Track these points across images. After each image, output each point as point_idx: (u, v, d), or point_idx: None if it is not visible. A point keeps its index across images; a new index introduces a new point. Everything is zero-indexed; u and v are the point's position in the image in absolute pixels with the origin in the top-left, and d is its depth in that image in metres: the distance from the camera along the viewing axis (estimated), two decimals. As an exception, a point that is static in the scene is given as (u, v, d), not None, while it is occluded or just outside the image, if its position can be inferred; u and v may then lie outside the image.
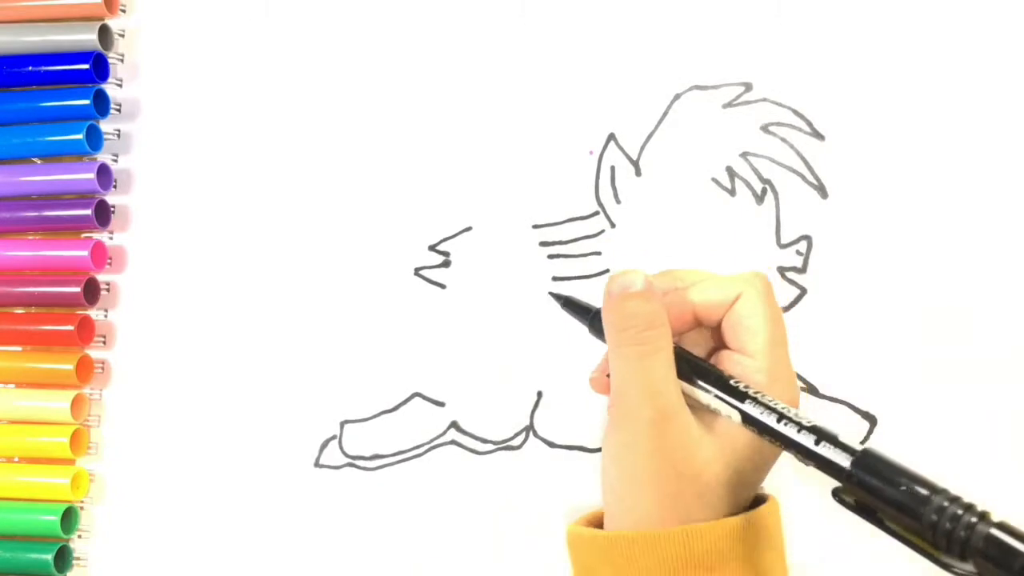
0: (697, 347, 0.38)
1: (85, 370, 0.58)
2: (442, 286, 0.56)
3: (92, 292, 0.59)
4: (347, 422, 0.56)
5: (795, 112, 0.53)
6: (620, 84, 0.55)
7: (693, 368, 0.37)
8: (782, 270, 0.53)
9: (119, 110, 0.60)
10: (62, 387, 0.58)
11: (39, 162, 0.60)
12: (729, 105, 0.54)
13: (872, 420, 0.52)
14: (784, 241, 0.53)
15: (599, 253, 0.54)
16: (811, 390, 0.52)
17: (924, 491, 0.29)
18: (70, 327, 0.58)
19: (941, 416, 0.51)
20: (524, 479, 0.54)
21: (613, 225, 0.55)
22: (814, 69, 0.53)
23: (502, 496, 0.54)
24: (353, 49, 0.58)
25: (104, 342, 0.59)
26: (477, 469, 0.55)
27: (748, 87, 0.53)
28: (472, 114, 0.56)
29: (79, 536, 0.58)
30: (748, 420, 0.35)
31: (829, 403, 0.52)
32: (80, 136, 0.57)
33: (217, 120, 0.59)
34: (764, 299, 0.38)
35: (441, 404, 0.55)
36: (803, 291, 0.52)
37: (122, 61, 0.60)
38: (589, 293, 0.54)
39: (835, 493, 0.33)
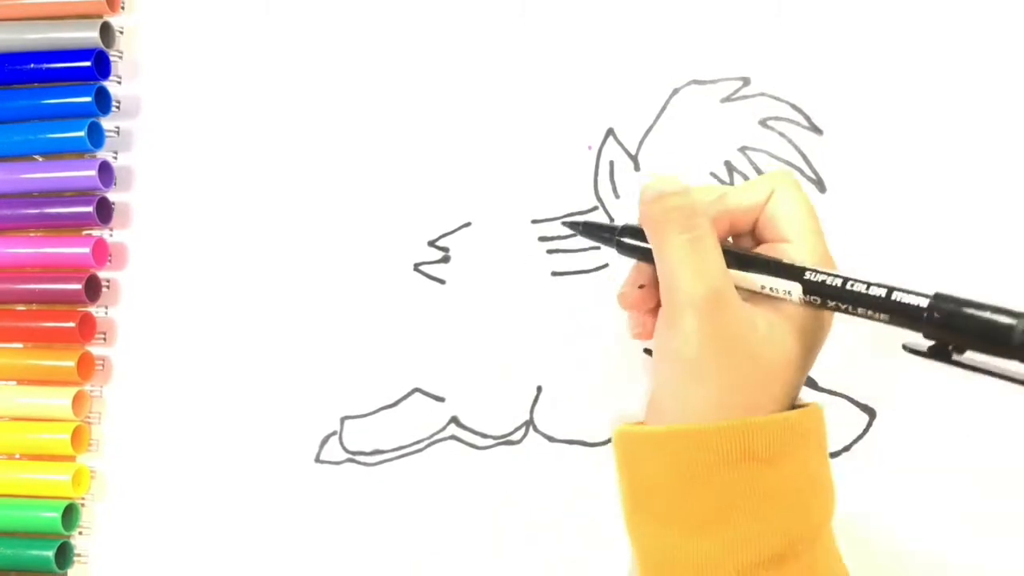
0: None
1: (86, 367, 0.59)
2: (441, 281, 0.56)
3: (93, 289, 0.59)
4: (347, 418, 0.56)
5: (793, 106, 0.53)
6: (618, 79, 0.55)
7: (740, 258, 0.37)
8: (781, 264, 0.53)
9: (118, 107, 0.60)
10: (63, 384, 0.58)
11: (41, 159, 0.60)
12: (727, 100, 0.54)
13: (871, 413, 0.52)
14: (783, 235, 0.53)
15: (598, 248, 0.54)
16: (810, 383, 0.52)
17: (1007, 318, 0.29)
18: (71, 324, 0.58)
19: (940, 409, 0.52)
20: (524, 474, 0.54)
21: (612, 220, 0.55)
22: (812, 64, 0.53)
23: (502, 491, 0.54)
24: (352, 46, 0.58)
25: (104, 339, 0.59)
26: (477, 464, 0.55)
27: (746, 82, 0.54)
28: (471, 110, 0.57)
29: (80, 533, 0.59)
30: (811, 290, 0.35)
31: (828, 396, 0.52)
32: (82, 133, 0.57)
33: (217, 117, 0.59)
34: (797, 190, 0.38)
35: (441, 399, 0.55)
36: (802, 285, 0.53)
37: (121, 58, 0.60)
38: (588, 288, 0.54)
39: (906, 346, 0.32)
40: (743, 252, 0.38)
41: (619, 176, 0.55)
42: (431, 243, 0.56)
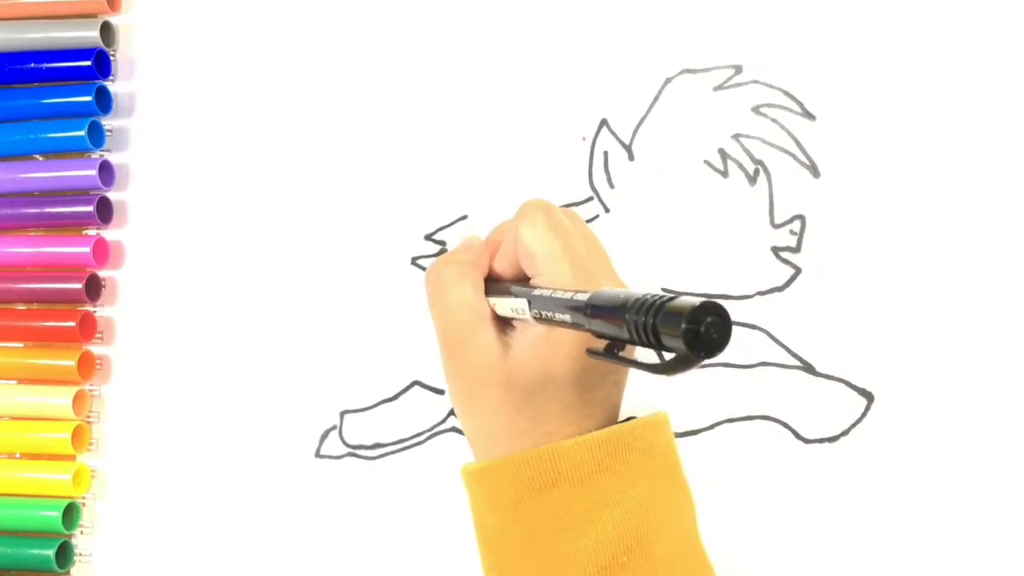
0: None
1: (87, 366, 0.59)
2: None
3: (94, 288, 0.59)
4: (347, 412, 0.56)
5: (786, 93, 0.54)
6: (611, 69, 0.55)
7: (500, 291, 0.38)
8: (776, 250, 0.53)
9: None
10: (63, 383, 0.58)
11: (41, 159, 0.60)
12: (720, 88, 0.54)
13: (869, 397, 0.52)
14: (778, 221, 0.53)
15: (594, 238, 0.55)
16: (808, 368, 0.52)
17: (620, 300, 0.28)
18: (72, 323, 0.58)
19: (938, 392, 0.52)
20: (524, 464, 0.54)
21: (607, 210, 0.55)
22: (804, 50, 0.54)
23: (502, 482, 0.54)
24: (346, 44, 0.59)
25: (103, 338, 0.59)
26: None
27: (738, 69, 0.54)
28: (465, 103, 0.57)
29: (81, 532, 0.58)
30: (533, 305, 0.35)
31: (826, 380, 0.52)
32: (82, 133, 0.58)
33: (213, 115, 0.60)
34: (530, 222, 0.38)
35: (440, 392, 0.56)
36: (798, 270, 0.53)
37: (115, 57, 0.61)
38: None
39: (588, 352, 0.32)
40: (506, 285, 0.39)
41: (613, 166, 0.55)
42: (428, 237, 0.57)
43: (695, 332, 0.24)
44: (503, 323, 0.38)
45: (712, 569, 0.40)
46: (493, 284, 0.40)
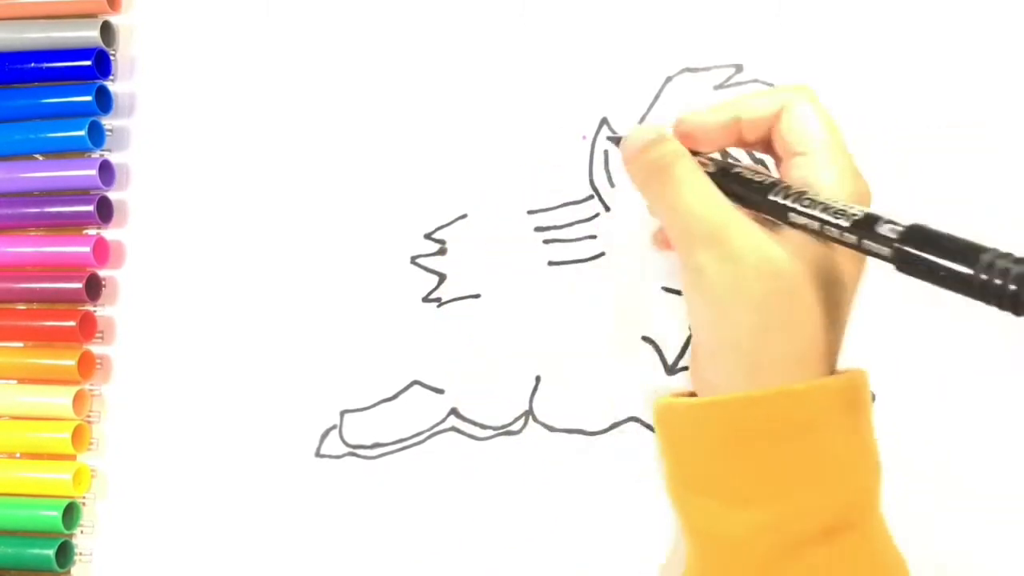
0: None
1: (87, 366, 0.59)
2: (438, 274, 0.56)
3: (94, 288, 0.59)
4: (347, 411, 0.56)
5: (785, 92, 0.54)
6: (611, 68, 0.55)
7: (739, 184, 0.36)
8: (776, 249, 0.53)
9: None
10: (64, 383, 0.58)
11: (41, 158, 0.60)
12: (720, 87, 0.54)
13: (871, 397, 0.52)
14: (778, 220, 0.53)
15: (594, 237, 0.55)
16: (808, 367, 0.52)
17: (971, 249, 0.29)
18: (72, 323, 0.58)
19: (941, 393, 0.51)
20: (524, 463, 0.54)
21: (608, 209, 0.55)
22: (805, 50, 0.54)
23: (503, 481, 0.54)
24: (346, 43, 0.59)
25: (103, 338, 0.59)
26: (478, 455, 0.55)
27: (739, 68, 0.54)
28: (465, 102, 0.57)
29: (81, 531, 0.58)
30: (795, 219, 0.34)
31: (827, 380, 0.52)
32: (82, 132, 0.58)
33: (213, 114, 0.60)
34: (811, 103, 0.37)
35: (440, 391, 0.55)
36: (798, 269, 0.53)
37: (115, 57, 0.61)
38: (585, 276, 0.54)
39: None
40: (743, 175, 0.37)
41: (614, 165, 0.55)
42: (427, 236, 0.57)
43: None
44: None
45: (900, 553, 0.39)
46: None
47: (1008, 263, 0.27)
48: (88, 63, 0.58)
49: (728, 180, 0.37)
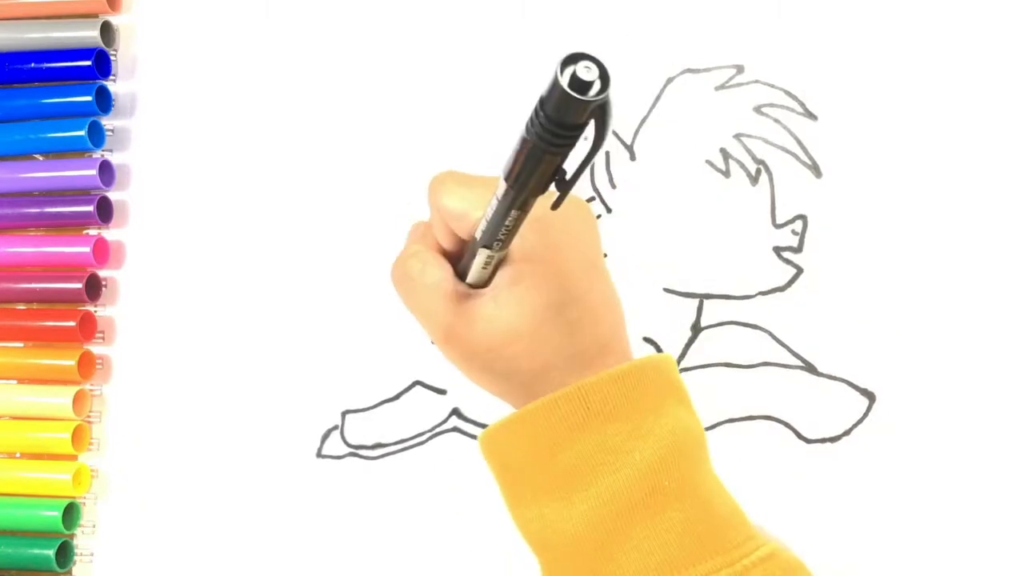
0: None
1: (87, 366, 0.59)
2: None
3: (94, 288, 0.59)
4: (349, 412, 0.56)
5: (787, 93, 0.54)
6: (613, 69, 0.55)
7: (468, 258, 0.38)
8: (778, 250, 0.53)
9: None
10: (64, 383, 0.58)
11: (41, 158, 0.60)
12: (721, 88, 0.54)
13: (871, 397, 0.52)
14: (779, 221, 0.53)
15: (596, 237, 0.55)
16: (810, 368, 0.53)
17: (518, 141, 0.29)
18: (72, 323, 0.58)
19: (939, 392, 0.52)
20: (526, 464, 0.54)
21: (609, 210, 0.55)
22: (806, 50, 0.54)
23: (504, 481, 0.54)
24: (348, 45, 0.59)
25: (103, 338, 0.59)
26: (479, 455, 0.55)
27: (740, 69, 0.54)
28: (466, 103, 0.57)
29: (81, 532, 0.58)
30: (484, 242, 0.35)
31: (828, 380, 0.52)
32: (82, 132, 0.58)
33: (213, 114, 0.59)
34: (442, 193, 0.40)
35: (442, 392, 0.55)
36: (799, 270, 0.53)
37: (115, 57, 0.61)
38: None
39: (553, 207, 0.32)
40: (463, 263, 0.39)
41: (615, 166, 0.55)
42: (430, 236, 0.57)
43: (574, 77, 0.26)
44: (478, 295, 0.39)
45: (734, 498, 0.40)
46: (457, 266, 0.40)
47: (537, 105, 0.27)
48: (88, 63, 0.58)
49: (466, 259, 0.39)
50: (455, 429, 0.55)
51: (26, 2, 0.60)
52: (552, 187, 0.31)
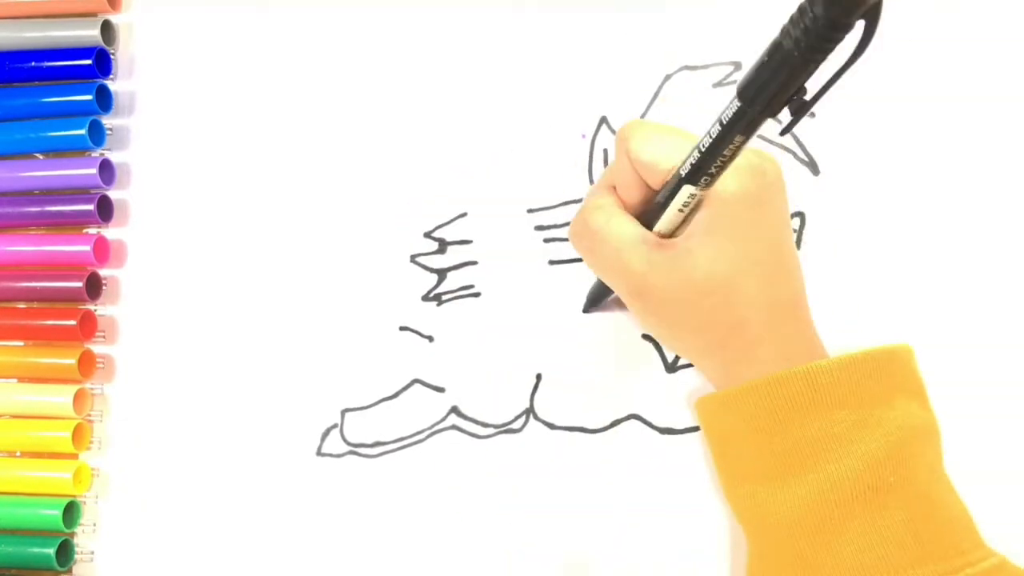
0: None
1: (87, 365, 0.59)
2: (438, 272, 0.56)
3: (94, 287, 0.59)
4: (348, 410, 0.56)
5: (784, 90, 0.54)
6: (610, 67, 0.56)
7: (655, 209, 0.38)
8: (776, 247, 0.53)
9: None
10: (64, 382, 0.58)
11: (41, 157, 0.60)
12: (719, 84, 0.54)
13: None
14: (777, 218, 0.53)
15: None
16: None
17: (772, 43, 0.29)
18: (72, 322, 0.58)
19: (938, 389, 0.51)
20: (525, 462, 0.54)
21: (608, 207, 0.55)
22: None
23: (504, 479, 0.54)
24: (346, 41, 0.59)
25: (104, 337, 0.60)
26: (478, 453, 0.55)
27: (738, 66, 0.54)
28: (463, 100, 0.57)
29: (81, 531, 0.58)
30: (689, 179, 0.35)
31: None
32: (83, 131, 0.58)
33: (213, 113, 0.60)
34: (635, 141, 0.39)
35: (441, 390, 0.56)
36: (797, 267, 0.53)
37: (115, 56, 0.61)
38: (586, 275, 0.55)
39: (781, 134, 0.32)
40: (650, 211, 0.39)
41: (614, 164, 0.55)
42: (427, 234, 0.57)
43: None
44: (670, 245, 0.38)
45: (966, 505, 0.39)
46: (641, 219, 0.39)
47: (796, 13, 0.27)
48: (88, 62, 0.58)
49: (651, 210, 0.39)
50: (454, 427, 0.55)
51: (26, 1, 0.60)
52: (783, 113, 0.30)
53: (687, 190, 0.35)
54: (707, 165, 0.34)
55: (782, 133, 0.31)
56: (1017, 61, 0.53)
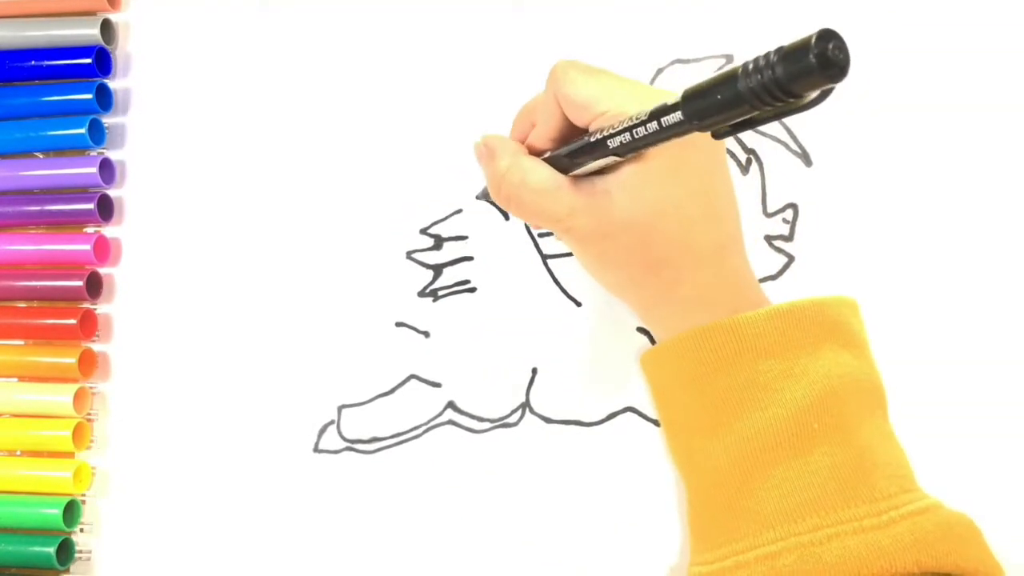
0: None
1: (87, 364, 0.59)
2: (434, 268, 0.56)
3: (94, 286, 0.59)
4: (344, 406, 0.56)
5: (776, 82, 0.54)
6: (602, 60, 0.55)
7: (569, 157, 0.39)
8: (769, 238, 0.53)
9: (112, 103, 0.62)
10: (64, 381, 0.59)
11: (41, 156, 0.61)
12: (711, 78, 0.55)
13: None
14: (770, 210, 0.54)
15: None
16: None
17: (725, 75, 0.29)
18: (72, 321, 0.58)
19: (932, 380, 0.51)
20: (522, 455, 0.54)
21: (602, 201, 0.55)
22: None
23: (501, 473, 0.54)
24: (344, 40, 0.59)
25: (100, 335, 0.60)
26: (475, 448, 0.55)
27: (729, 59, 0.55)
28: (458, 96, 0.58)
29: (81, 529, 0.58)
30: (616, 150, 0.36)
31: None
32: (83, 130, 0.58)
33: (209, 111, 0.60)
34: (565, 80, 0.40)
35: (437, 385, 0.56)
36: (791, 259, 0.53)
37: (115, 55, 0.61)
38: (580, 270, 0.55)
39: (714, 135, 0.32)
40: (570, 148, 0.39)
41: (608, 158, 0.55)
42: (423, 231, 0.57)
43: (823, 53, 0.25)
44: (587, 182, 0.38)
45: (905, 454, 0.38)
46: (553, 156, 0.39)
47: (761, 59, 0.27)
48: (88, 61, 0.59)
49: (561, 158, 0.39)
50: (450, 422, 0.55)
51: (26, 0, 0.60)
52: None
53: (613, 158, 0.36)
54: (637, 147, 0.35)
55: (717, 138, 0.32)
56: (1008, 56, 0.53)
